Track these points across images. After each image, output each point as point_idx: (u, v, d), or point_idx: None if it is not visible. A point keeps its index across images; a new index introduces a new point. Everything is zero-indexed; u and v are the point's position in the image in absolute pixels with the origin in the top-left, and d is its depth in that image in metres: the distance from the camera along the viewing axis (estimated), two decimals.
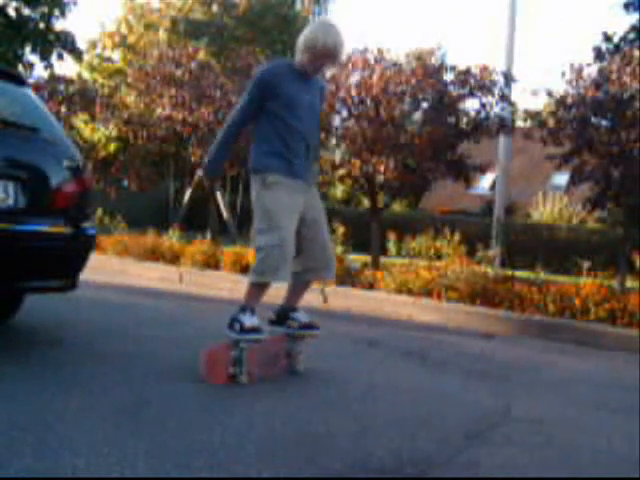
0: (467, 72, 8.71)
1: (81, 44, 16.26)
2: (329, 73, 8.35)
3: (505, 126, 9.21)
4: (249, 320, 3.48)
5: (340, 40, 3.58)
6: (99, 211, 11.65)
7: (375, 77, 8.54)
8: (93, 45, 25.19)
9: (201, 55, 13.68)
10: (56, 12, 14.81)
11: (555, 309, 5.97)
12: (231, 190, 18.04)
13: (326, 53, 3.56)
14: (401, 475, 2.42)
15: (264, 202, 3.56)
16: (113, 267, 8.84)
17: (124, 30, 25.31)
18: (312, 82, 3.73)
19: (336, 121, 9.33)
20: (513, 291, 6.31)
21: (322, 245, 3.72)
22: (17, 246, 3.66)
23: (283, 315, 3.78)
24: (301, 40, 3.62)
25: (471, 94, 8.84)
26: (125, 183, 14.26)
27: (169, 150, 13.38)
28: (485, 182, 23.58)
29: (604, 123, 8.47)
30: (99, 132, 14.16)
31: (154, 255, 9.00)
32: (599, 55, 8.70)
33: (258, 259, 3.54)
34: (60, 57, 14.93)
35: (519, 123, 11.26)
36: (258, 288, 3.58)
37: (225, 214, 13.06)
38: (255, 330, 3.47)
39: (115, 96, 13.31)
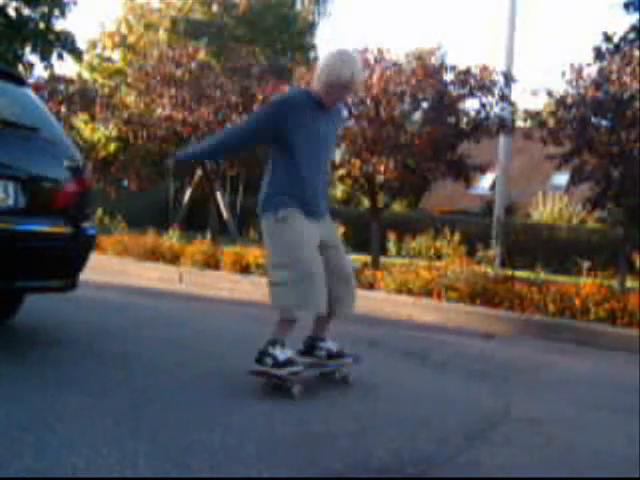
0: (467, 72, 8.70)
1: (81, 44, 16.25)
2: None
3: (505, 126, 9.20)
4: (282, 354, 3.35)
5: (357, 70, 3.47)
6: (99, 211, 11.65)
7: (375, 77, 8.53)
8: (93, 45, 25.17)
9: (201, 55, 13.66)
10: (56, 12, 14.79)
11: (555, 309, 5.96)
12: (231, 190, 18.02)
13: (343, 85, 3.45)
14: (402, 475, 2.42)
15: (281, 236, 3.43)
16: (113, 267, 8.83)
17: (124, 30, 25.29)
18: (330, 111, 3.60)
19: None
20: (513, 291, 6.31)
21: (346, 274, 3.62)
22: (17, 246, 3.66)
23: (311, 345, 3.69)
24: (318, 70, 3.52)
25: (471, 94, 8.83)
26: (125, 183, 14.25)
27: (169, 150, 13.36)
28: (485, 182, 23.56)
29: (604, 123, 8.46)
30: (99, 132, 14.15)
31: (154, 255, 9.00)
32: (599, 55, 8.69)
33: (277, 294, 3.42)
34: (60, 57, 14.92)
35: (519, 123, 11.25)
36: (288, 323, 3.45)
37: (225, 214, 13.05)
38: (291, 363, 3.35)
39: (115, 96, 13.29)
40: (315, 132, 3.49)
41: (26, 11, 14.71)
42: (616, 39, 9.78)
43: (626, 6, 15.40)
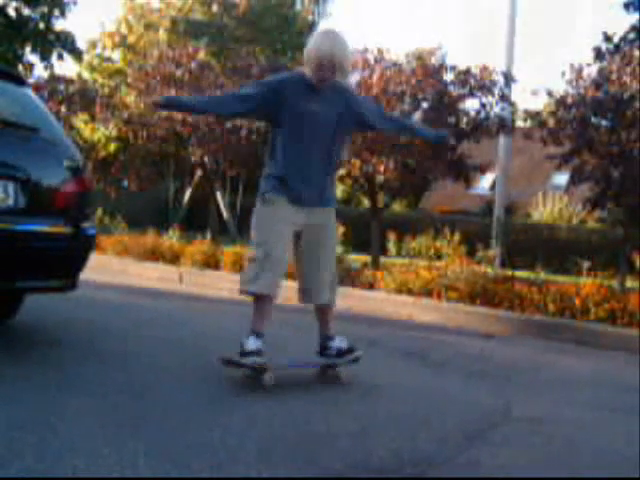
0: (467, 72, 8.71)
1: (81, 44, 16.27)
2: None
3: (505, 126, 9.21)
4: (252, 344, 3.39)
5: (335, 49, 3.39)
6: (99, 211, 11.64)
7: (375, 77, 8.54)
8: (93, 45, 25.15)
9: (201, 55, 13.66)
10: (56, 12, 14.81)
11: (555, 309, 5.96)
12: (231, 190, 18.03)
13: (320, 62, 3.40)
14: (401, 475, 2.42)
15: (257, 217, 3.57)
16: (113, 267, 8.84)
17: (124, 30, 25.26)
18: (328, 92, 3.54)
19: None
20: (513, 291, 6.31)
21: (316, 268, 3.63)
22: (17, 246, 3.66)
23: (323, 346, 3.73)
24: (305, 50, 3.53)
25: (471, 94, 8.84)
26: (125, 183, 14.26)
27: (169, 150, 13.37)
28: (485, 182, 23.55)
29: (604, 123, 8.47)
30: (99, 132, 14.15)
31: (154, 255, 9.00)
32: (599, 55, 8.70)
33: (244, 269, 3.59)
34: (60, 57, 14.94)
35: (519, 123, 11.26)
36: (256, 304, 3.50)
37: (225, 214, 13.07)
38: (253, 353, 3.36)
39: (115, 96, 13.30)
40: (311, 114, 3.49)
41: (26, 11, 14.73)
42: (616, 39, 9.81)
43: (626, 6, 15.39)
